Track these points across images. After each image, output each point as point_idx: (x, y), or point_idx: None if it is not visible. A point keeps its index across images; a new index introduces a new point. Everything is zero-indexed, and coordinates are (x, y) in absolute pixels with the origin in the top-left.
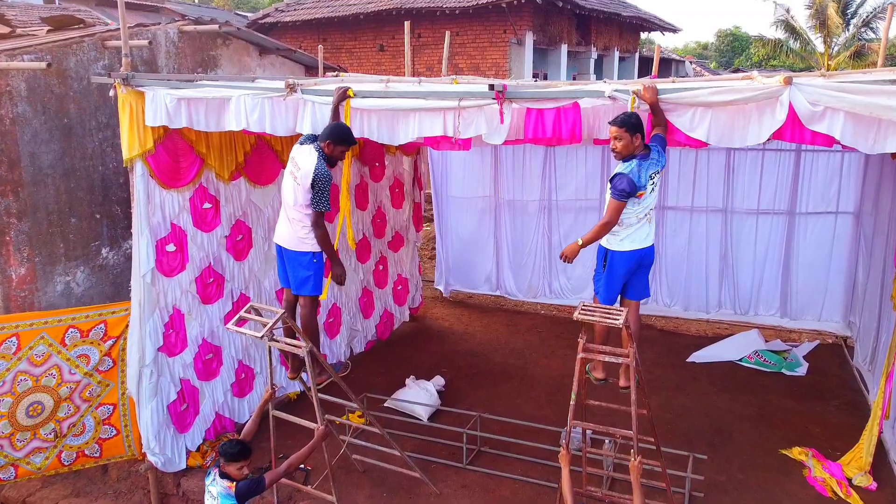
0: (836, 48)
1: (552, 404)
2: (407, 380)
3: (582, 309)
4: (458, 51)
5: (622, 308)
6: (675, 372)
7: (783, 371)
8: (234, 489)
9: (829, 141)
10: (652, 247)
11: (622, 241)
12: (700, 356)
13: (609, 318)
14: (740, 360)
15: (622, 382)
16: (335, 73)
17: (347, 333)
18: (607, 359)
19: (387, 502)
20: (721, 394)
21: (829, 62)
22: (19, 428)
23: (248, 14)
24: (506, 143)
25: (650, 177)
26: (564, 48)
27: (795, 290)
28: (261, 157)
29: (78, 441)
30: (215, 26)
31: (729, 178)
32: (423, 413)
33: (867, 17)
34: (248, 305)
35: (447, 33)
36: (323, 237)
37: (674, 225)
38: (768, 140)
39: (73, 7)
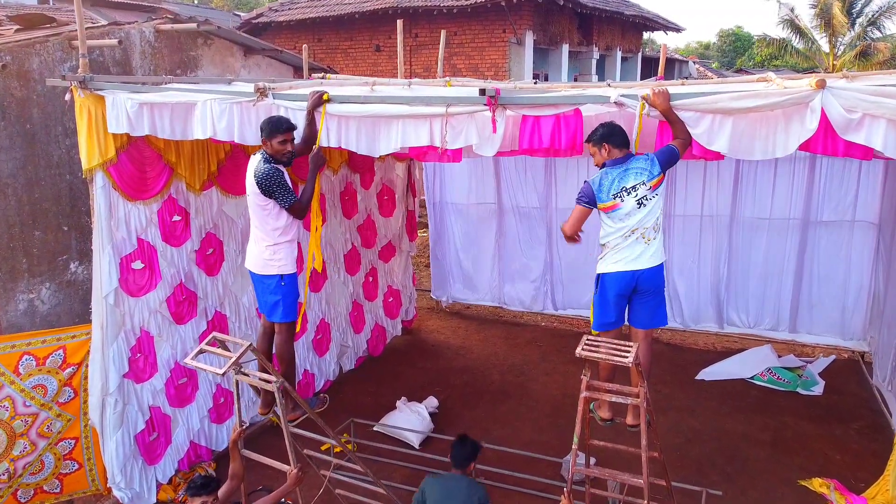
0: (841, 48)
1: (553, 428)
2: (398, 402)
3: (586, 344)
4: (457, 51)
5: (631, 343)
6: (684, 391)
7: (798, 390)
8: None
9: (865, 153)
10: (654, 269)
11: (608, 262)
12: (710, 373)
13: (616, 355)
14: (752, 377)
15: (630, 421)
16: (322, 75)
17: (337, 350)
18: (614, 398)
19: None
20: (733, 416)
21: (834, 62)
22: None
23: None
24: (499, 154)
25: (628, 189)
26: (566, 48)
27: (809, 302)
28: (236, 164)
29: (35, 479)
30: (193, 25)
31: (739, 184)
32: (414, 439)
33: (873, 16)
34: (211, 336)
35: (443, 32)
36: (307, 197)
37: (681, 234)
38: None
39: (64, 7)
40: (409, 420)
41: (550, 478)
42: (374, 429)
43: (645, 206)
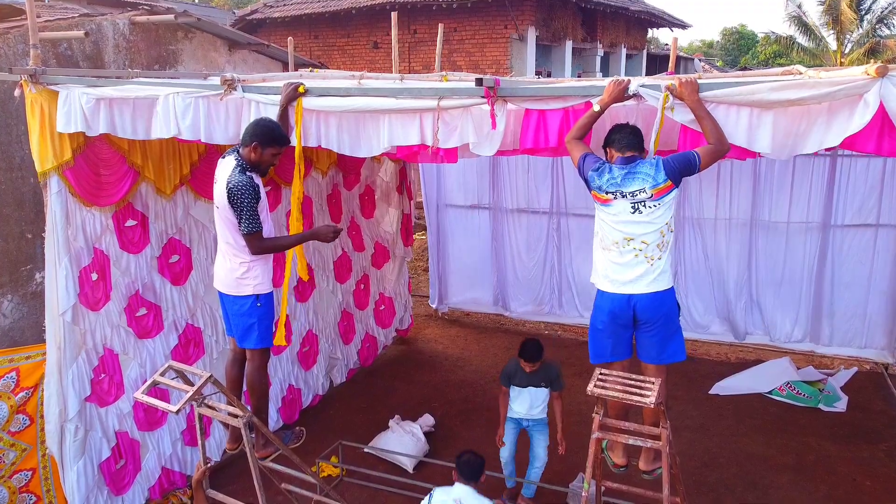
0: (849, 45)
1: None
2: (391, 421)
3: (598, 379)
4: (457, 48)
5: (651, 379)
6: (697, 407)
7: (820, 406)
8: None
9: None
10: (656, 296)
11: (600, 271)
12: (724, 387)
13: (634, 394)
14: (770, 392)
15: (643, 466)
16: (309, 70)
17: (326, 363)
18: (631, 441)
19: None
20: (752, 436)
21: (842, 60)
22: None
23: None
24: (499, 153)
25: (625, 193)
26: (569, 45)
27: (829, 311)
28: (211, 167)
29: None
30: (170, 17)
31: (756, 186)
32: (408, 463)
33: (882, 12)
34: (167, 365)
35: (440, 26)
36: (277, 245)
37: (694, 237)
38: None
39: (58, 6)
40: (403, 441)
41: None
42: (365, 451)
43: (642, 213)
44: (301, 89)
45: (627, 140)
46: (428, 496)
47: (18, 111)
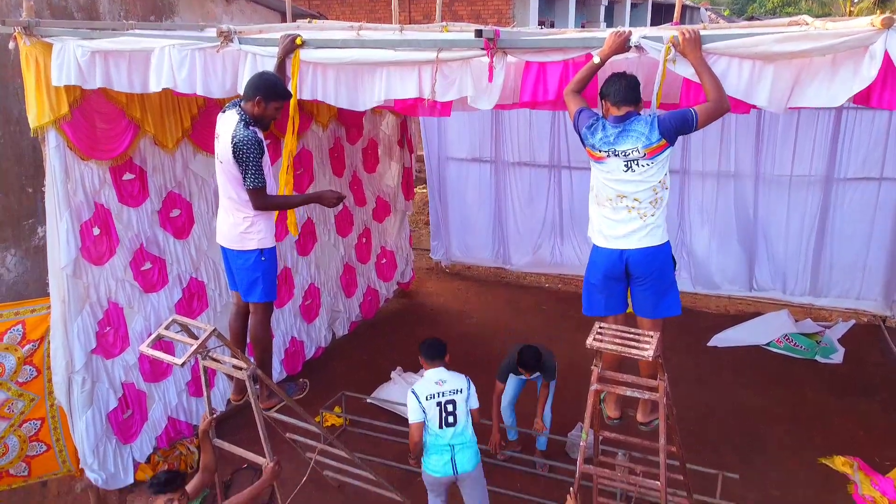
0: None
1: (558, 401)
2: (392, 373)
3: (597, 333)
4: None
5: (650, 333)
6: (695, 360)
7: (817, 358)
8: None
9: None
10: (647, 251)
11: (595, 225)
12: (722, 340)
13: (633, 347)
14: (768, 344)
15: (640, 418)
16: (308, 20)
17: (328, 316)
18: (629, 393)
19: None
20: (749, 388)
21: (851, 9)
22: None
23: None
24: (498, 107)
25: (618, 152)
26: None
27: (829, 264)
28: (211, 119)
29: (0, 462)
30: None
31: (760, 139)
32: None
33: None
34: (171, 319)
35: None
36: (280, 203)
37: (696, 192)
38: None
39: None
40: (405, 392)
41: (554, 456)
42: (367, 401)
43: (634, 171)
44: (298, 41)
45: (623, 94)
46: (412, 396)
47: (14, 65)
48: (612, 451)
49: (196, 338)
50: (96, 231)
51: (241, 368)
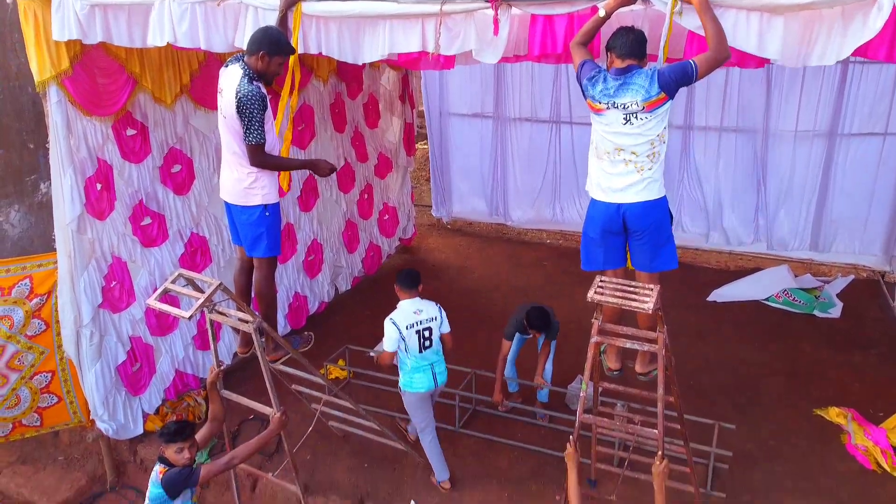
0: None
1: (558, 354)
2: None
3: (598, 286)
4: None
5: (651, 286)
6: (695, 314)
7: (815, 312)
8: (163, 475)
9: None
10: (644, 205)
11: (593, 179)
12: (722, 295)
13: (634, 300)
14: (767, 299)
15: (639, 369)
16: None
17: (331, 271)
18: (629, 344)
19: (368, 475)
20: (747, 342)
21: None
22: None
23: None
24: (503, 60)
25: (617, 104)
26: None
27: (830, 219)
28: (211, 75)
29: (12, 413)
30: None
31: (765, 94)
32: None
33: None
34: (177, 273)
35: None
36: (276, 163)
37: (699, 146)
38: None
39: None
40: None
41: (555, 408)
42: (370, 355)
43: (633, 124)
44: None
45: (629, 48)
46: (392, 326)
47: (12, 19)
48: (612, 402)
49: (202, 292)
50: (98, 186)
51: (247, 322)
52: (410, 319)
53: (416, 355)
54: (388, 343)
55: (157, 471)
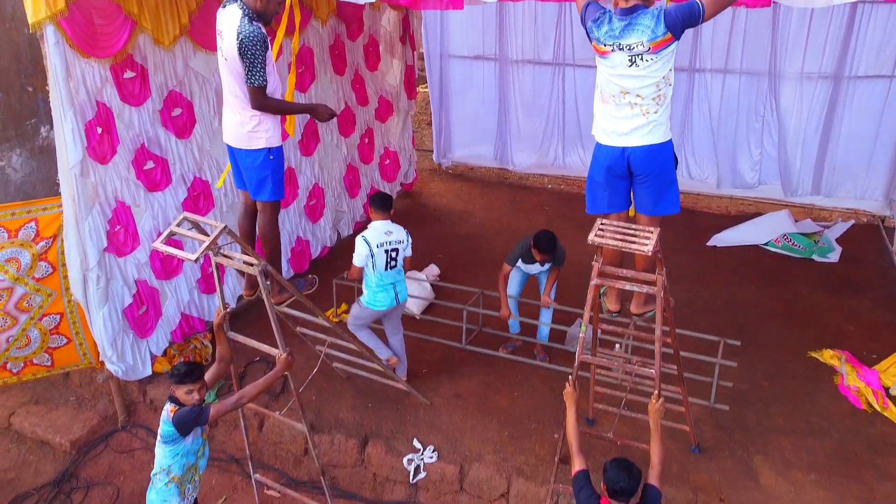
0: None
1: (557, 298)
2: None
3: (598, 229)
4: None
5: (650, 229)
6: (695, 258)
7: (814, 257)
8: (174, 414)
9: None
10: (649, 148)
11: (598, 123)
12: (722, 239)
13: (634, 243)
14: (767, 243)
15: (635, 309)
16: None
17: (332, 216)
18: (628, 287)
19: (372, 414)
20: (745, 285)
21: None
22: None
23: None
24: None
25: (622, 46)
26: None
27: (833, 163)
28: (210, 15)
29: (23, 352)
30: None
31: (772, 35)
32: (415, 308)
33: None
34: (182, 216)
35: None
36: (277, 106)
37: (702, 89)
38: None
39: None
40: (410, 288)
41: (554, 350)
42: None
43: (638, 66)
44: None
45: None
46: (364, 243)
47: None
48: (612, 340)
49: (207, 235)
50: (99, 130)
51: (251, 265)
52: (381, 239)
53: (381, 273)
54: (358, 259)
55: (168, 410)
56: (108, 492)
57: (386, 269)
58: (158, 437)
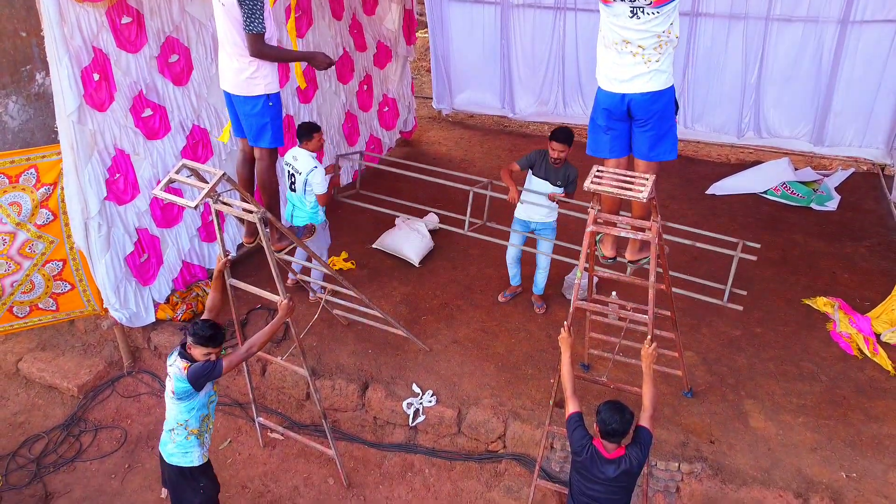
0: None
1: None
2: (397, 220)
3: (595, 176)
4: None
5: (646, 175)
6: (693, 206)
7: (812, 205)
8: (186, 371)
9: None
10: (649, 95)
11: (601, 68)
12: (721, 188)
13: (629, 189)
14: (765, 192)
15: (629, 256)
16: None
17: (332, 164)
18: (623, 234)
19: (372, 359)
20: (742, 233)
21: None
22: None
23: None
24: None
25: None
26: None
27: (835, 111)
28: None
29: (28, 297)
30: None
31: None
32: (414, 257)
33: None
34: (181, 164)
35: None
36: (275, 54)
37: (702, 35)
38: None
39: None
40: (409, 238)
41: (549, 295)
42: (373, 246)
43: (640, 19)
44: None
45: None
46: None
47: None
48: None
49: (206, 182)
50: (96, 77)
51: (251, 212)
52: (288, 160)
53: (288, 190)
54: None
55: (181, 367)
56: (116, 434)
57: (289, 188)
58: (171, 393)
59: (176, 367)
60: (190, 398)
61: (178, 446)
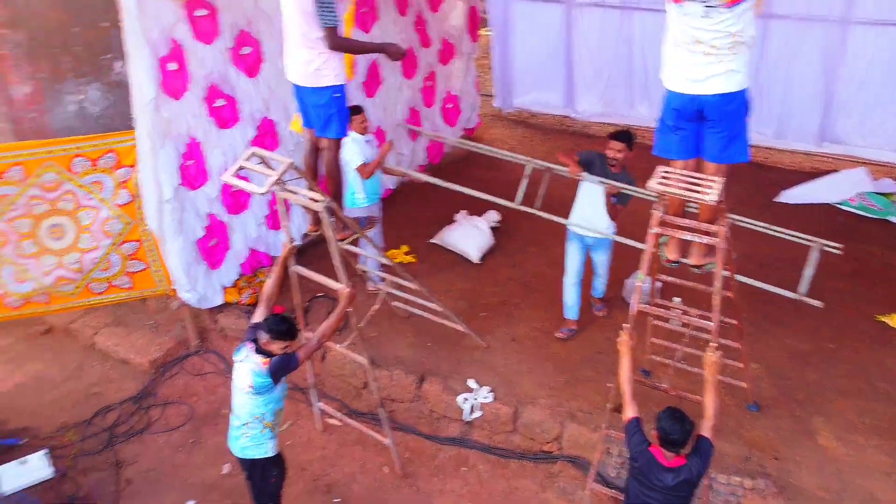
0: None
1: (616, 248)
2: (457, 215)
3: (661, 176)
4: None
5: (714, 178)
6: (762, 214)
7: (891, 218)
8: (267, 365)
9: None
10: (722, 96)
11: (668, 68)
12: (792, 196)
13: (696, 191)
14: (840, 202)
15: (694, 260)
16: None
17: (394, 159)
18: (689, 237)
19: (430, 353)
20: None
21: None
22: (44, 250)
23: None
24: None
25: None
26: None
27: None
28: None
29: (105, 275)
30: None
31: None
32: (474, 253)
33: None
34: (250, 152)
35: None
36: (350, 45)
37: (775, 37)
38: None
39: None
40: (469, 234)
41: (610, 298)
42: (433, 241)
43: (712, 18)
44: None
45: None
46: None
47: None
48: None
49: (274, 170)
50: (173, 66)
51: (317, 201)
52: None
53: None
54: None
55: (258, 362)
56: (183, 410)
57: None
58: (247, 388)
59: (252, 363)
60: (269, 392)
61: (253, 439)
